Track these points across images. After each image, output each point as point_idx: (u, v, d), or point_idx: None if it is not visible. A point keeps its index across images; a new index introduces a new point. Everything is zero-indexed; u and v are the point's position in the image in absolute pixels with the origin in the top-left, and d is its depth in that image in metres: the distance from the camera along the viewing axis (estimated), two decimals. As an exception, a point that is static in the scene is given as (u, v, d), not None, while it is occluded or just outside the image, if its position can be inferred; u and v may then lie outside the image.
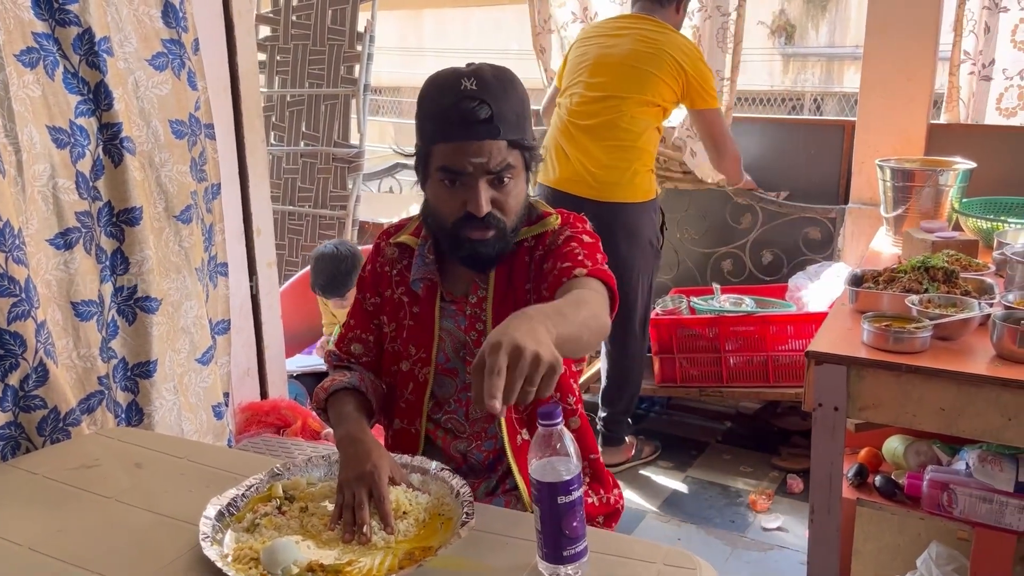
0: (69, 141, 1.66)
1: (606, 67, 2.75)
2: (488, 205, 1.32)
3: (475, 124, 1.29)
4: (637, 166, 2.73)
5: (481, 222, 1.33)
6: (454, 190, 1.34)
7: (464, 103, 1.28)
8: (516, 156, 1.34)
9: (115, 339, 1.80)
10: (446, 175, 1.33)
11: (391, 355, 1.51)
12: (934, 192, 2.41)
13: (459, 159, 1.31)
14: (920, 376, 1.59)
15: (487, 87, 1.30)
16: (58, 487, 1.39)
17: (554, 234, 1.42)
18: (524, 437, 1.46)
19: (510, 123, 1.31)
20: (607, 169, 2.72)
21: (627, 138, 2.71)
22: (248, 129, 2.44)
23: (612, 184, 2.72)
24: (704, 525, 2.70)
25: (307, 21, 4.25)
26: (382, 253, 1.53)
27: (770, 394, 3.02)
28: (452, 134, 1.30)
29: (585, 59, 2.81)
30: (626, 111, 2.70)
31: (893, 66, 2.88)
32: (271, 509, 1.27)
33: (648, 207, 2.79)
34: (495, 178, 1.33)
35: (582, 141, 2.75)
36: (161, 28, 1.87)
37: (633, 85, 2.70)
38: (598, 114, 2.73)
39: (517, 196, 1.37)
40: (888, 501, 1.89)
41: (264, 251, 2.57)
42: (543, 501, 1.07)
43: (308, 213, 4.24)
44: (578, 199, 2.72)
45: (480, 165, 1.31)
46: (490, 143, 1.30)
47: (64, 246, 1.67)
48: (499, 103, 1.30)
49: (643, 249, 2.80)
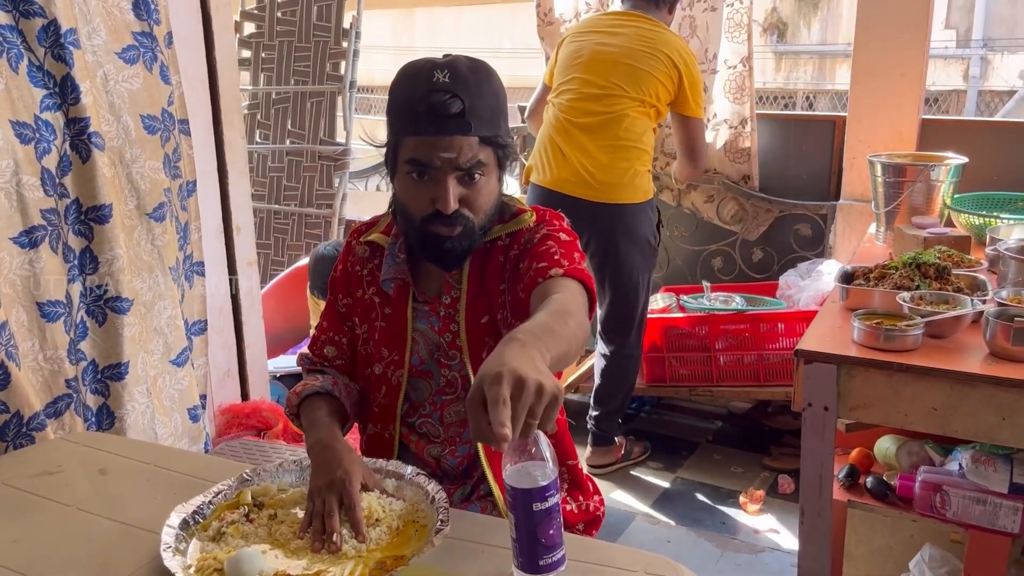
0: (34, 136, 1.61)
1: (603, 64, 2.69)
2: (456, 203, 1.27)
3: (446, 119, 1.23)
4: (637, 166, 2.69)
5: (448, 219, 1.28)
6: (422, 184, 1.28)
7: (435, 96, 1.23)
8: (488, 153, 1.29)
9: (84, 341, 1.75)
10: (414, 168, 1.28)
11: (364, 358, 1.46)
12: (926, 188, 2.37)
13: (428, 153, 1.26)
14: (912, 375, 1.55)
15: (461, 80, 1.25)
16: (17, 495, 1.33)
17: (529, 232, 1.37)
18: None
19: (483, 119, 1.26)
20: (607, 169, 2.66)
21: (628, 138, 2.66)
22: (227, 125, 2.39)
23: (612, 185, 2.67)
24: (694, 527, 2.66)
25: (292, 18, 4.20)
26: (353, 252, 1.47)
27: (761, 393, 2.98)
28: (421, 128, 1.25)
29: (580, 56, 2.74)
30: (626, 110, 2.66)
31: (884, 61, 2.85)
32: (238, 517, 1.22)
33: (646, 207, 2.75)
34: (465, 175, 1.28)
35: (580, 140, 2.68)
36: (132, 20, 1.82)
37: (632, 84, 2.66)
38: (597, 112, 2.67)
39: (487, 194, 1.32)
40: (880, 503, 1.85)
41: (244, 250, 2.52)
42: (518, 508, 1.03)
43: (294, 212, 4.19)
44: (576, 200, 2.66)
45: (449, 161, 1.26)
46: (460, 139, 1.25)
47: (29, 244, 1.62)
48: (472, 98, 1.24)
49: (642, 249, 2.76)
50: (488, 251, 1.39)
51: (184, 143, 2.00)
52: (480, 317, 1.38)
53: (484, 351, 1.37)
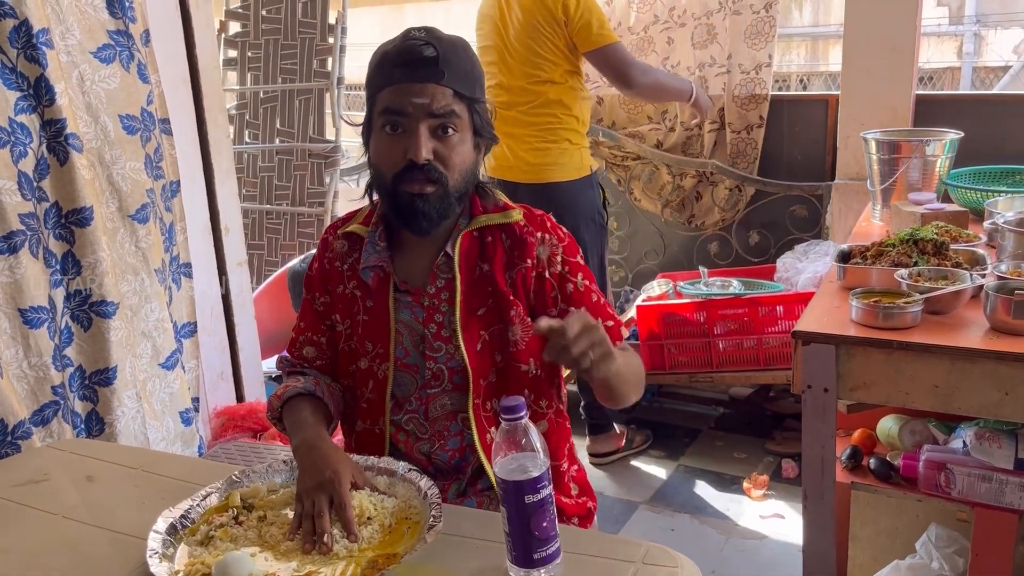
0: (9, 140, 1.58)
1: (511, 53, 2.69)
2: (429, 153, 1.26)
3: (419, 64, 1.25)
4: (565, 144, 2.72)
5: (421, 172, 1.26)
6: (395, 137, 1.27)
7: (408, 43, 1.26)
8: (463, 108, 1.28)
9: (70, 346, 1.72)
10: (387, 119, 1.27)
11: (347, 354, 1.43)
12: (921, 163, 2.34)
13: (400, 100, 1.25)
14: (912, 352, 1.52)
15: (435, 36, 1.27)
16: (2, 504, 1.31)
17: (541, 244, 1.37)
18: (494, 436, 1.38)
19: (457, 73, 1.26)
20: (536, 152, 2.71)
21: (553, 120, 2.70)
22: (211, 124, 2.36)
23: (544, 165, 2.71)
24: (698, 515, 2.64)
25: (277, 15, 4.16)
26: (330, 248, 1.44)
27: (761, 378, 2.94)
28: (396, 76, 1.26)
29: (487, 47, 2.76)
30: (541, 90, 2.68)
31: (875, 37, 2.81)
32: (227, 520, 1.20)
33: (585, 183, 2.77)
34: (438, 126, 1.27)
35: (510, 128, 2.72)
36: (107, 19, 1.78)
37: (535, 66, 2.66)
38: (519, 104, 2.71)
39: (462, 154, 1.30)
40: (884, 484, 1.82)
41: (234, 250, 2.49)
42: (510, 501, 1.00)
43: (286, 211, 4.15)
44: (512, 184, 2.72)
45: (421, 107, 1.25)
46: (434, 86, 1.25)
47: (8, 250, 1.58)
48: (447, 51, 1.26)
49: (587, 226, 2.76)
50: (477, 240, 1.37)
51: (166, 143, 1.96)
52: (476, 308, 1.36)
53: (479, 343, 1.35)
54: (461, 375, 1.35)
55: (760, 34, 3.12)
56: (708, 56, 3.23)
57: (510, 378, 1.37)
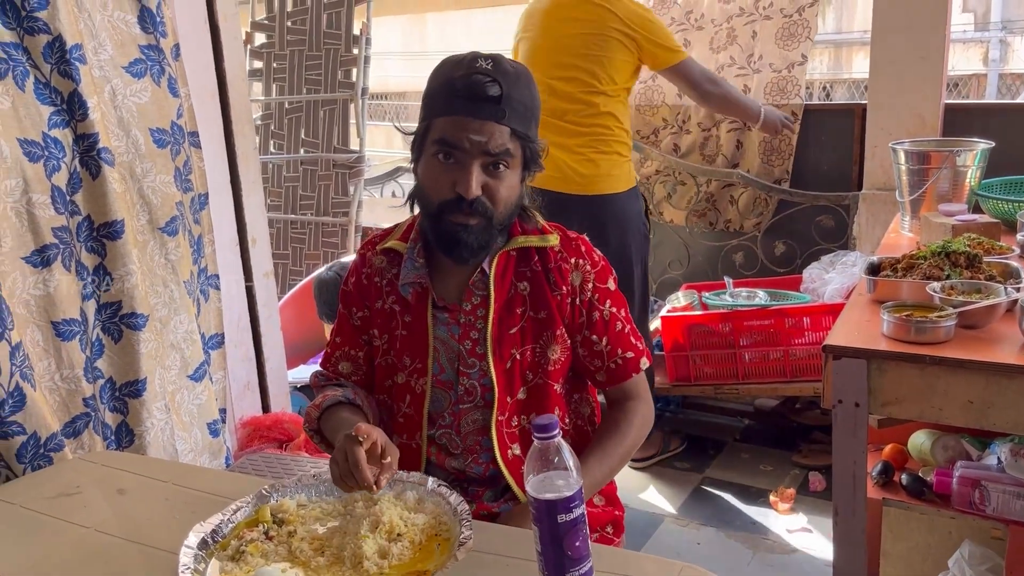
0: (43, 154, 1.59)
1: (566, 61, 2.68)
2: (479, 190, 1.26)
3: (482, 101, 1.24)
4: (615, 157, 2.72)
5: (469, 206, 1.26)
6: (447, 167, 1.27)
7: (476, 77, 1.24)
8: (516, 147, 1.28)
9: (100, 358, 1.73)
10: (441, 148, 1.27)
11: (384, 369, 1.43)
12: (952, 174, 2.31)
13: (459, 134, 1.25)
14: (945, 368, 1.50)
15: (502, 71, 1.26)
16: (35, 517, 1.32)
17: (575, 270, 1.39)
18: (515, 452, 1.40)
19: (517, 112, 1.26)
20: (589, 163, 2.70)
21: (604, 132, 2.69)
22: (238, 136, 2.38)
23: (594, 177, 2.70)
24: (724, 528, 2.61)
25: (302, 27, 4.20)
26: (368, 263, 1.45)
27: (788, 389, 2.91)
28: (456, 107, 1.25)
29: (539, 51, 2.74)
30: (594, 101, 2.67)
31: (903, 46, 2.78)
32: (257, 535, 1.20)
33: (631, 194, 2.78)
34: (491, 163, 1.26)
35: (559, 138, 2.70)
36: (138, 34, 1.80)
37: (592, 75, 2.66)
38: (570, 112, 2.69)
39: (510, 188, 1.30)
40: (916, 500, 1.79)
41: (260, 261, 2.50)
42: (542, 520, 1.00)
43: (310, 221, 4.18)
44: (563, 195, 2.70)
45: (479, 144, 1.25)
46: (493, 125, 1.24)
47: (41, 264, 1.60)
48: (511, 88, 1.25)
49: (634, 236, 2.78)
50: (514, 260, 1.38)
51: (195, 156, 1.98)
52: (509, 327, 1.36)
53: (509, 361, 1.36)
54: (491, 392, 1.37)
55: (793, 36, 3.12)
56: (728, 57, 3.22)
57: (541, 397, 1.38)
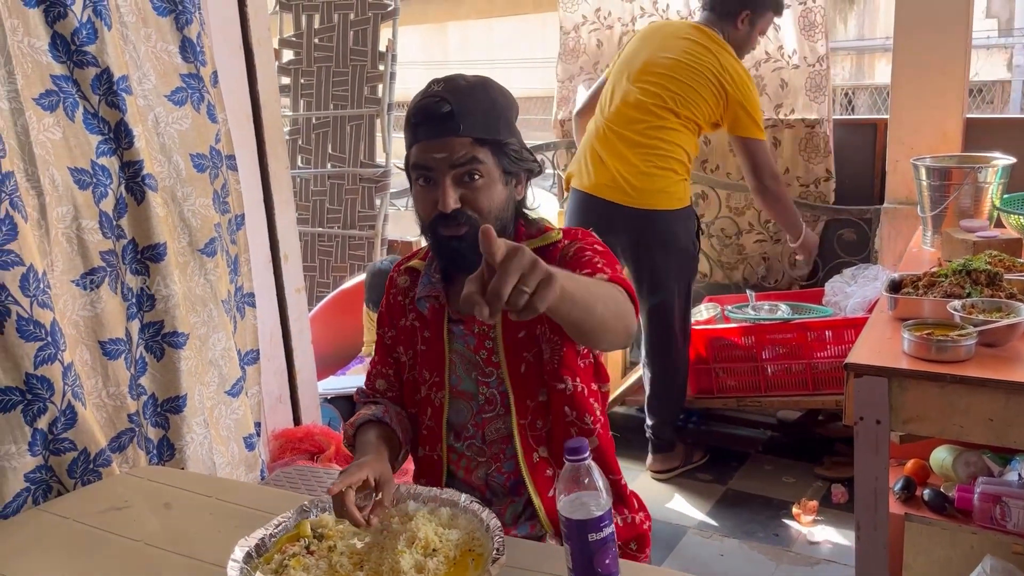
0: (91, 181, 1.67)
1: (653, 75, 2.74)
2: (456, 202, 1.33)
3: (436, 121, 1.31)
4: (672, 174, 2.73)
5: (452, 219, 1.33)
6: (426, 188, 1.35)
7: (426, 101, 1.32)
8: (486, 153, 1.34)
9: (144, 375, 1.80)
10: (419, 173, 1.36)
11: (411, 384, 1.51)
12: (973, 190, 2.33)
13: (425, 156, 1.33)
14: (966, 386, 1.53)
15: (452, 88, 1.33)
16: (87, 531, 1.38)
17: (564, 248, 1.40)
18: (541, 455, 1.43)
19: (474, 120, 1.32)
20: (643, 176, 2.71)
21: (665, 147, 2.71)
22: (272, 156, 2.45)
23: (648, 191, 2.71)
24: (747, 539, 2.64)
25: (329, 44, 4.27)
26: (394, 284, 1.54)
27: (811, 402, 2.94)
28: (419, 134, 1.34)
29: (635, 61, 2.80)
30: (666, 122, 2.70)
31: (924, 60, 2.80)
32: (299, 549, 1.25)
33: (682, 214, 2.78)
34: (463, 173, 1.33)
35: (619, 147, 2.74)
36: (179, 63, 1.87)
37: (675, 98, 2.70)
38: (638, 121, 2.72)
39: (490, 195, 1.35)
40: (938, 515, 1.82)
41: (292, 277, 2.57)
42: (573, 539, 1.04)
43: (337, 234, 4.25)
44: (613, 205, 2.73)
45: (443, 160, 1.32)
46: (452, 139, 1.32)
47: (90, 286, 1.67)
48: (463, 101, 1.32)
49: (678, 255, 2.79)
50: None
51: (231, 178, 2.05)
52: (518, 332, 1.41)
53: (522, 365, 1.41)
54: (509, 398, 1.42)
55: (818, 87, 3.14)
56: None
57: (562, 397, 1.41)
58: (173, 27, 1.86)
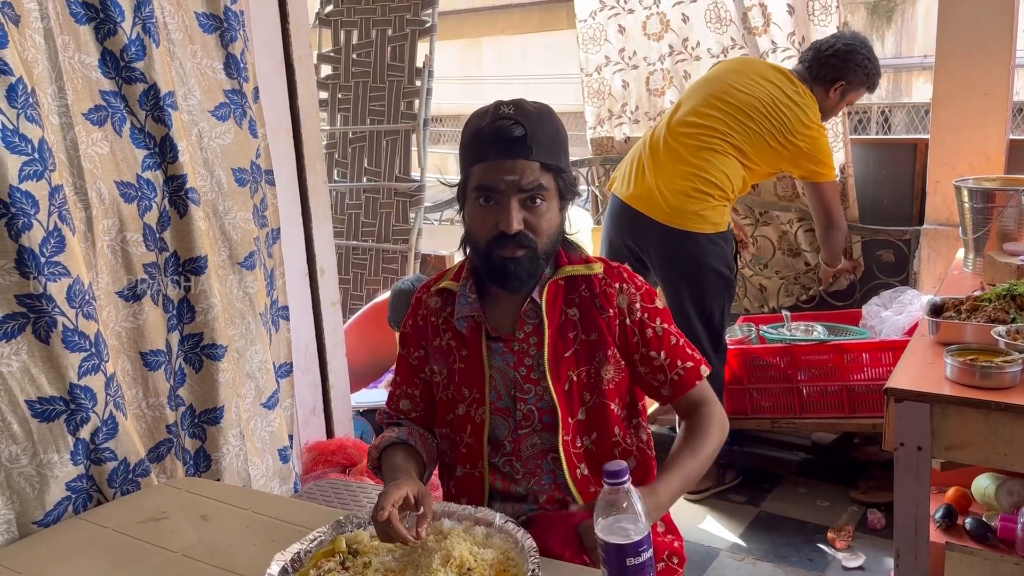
0: (136, 195, 1.70)
1: (725, 103, 2.72)
2: (520, 224, 1.35)
3: (509, 143, 1.33)
4: (709, 199, 2.69)
5: (512, 240, 1.36)
6: (488, 209, 1.37)
7: (500, 123, 1.34)
8: (549, 179, 1.37)
9: (182, 387, 1.83)
10: (481, 193, 1.37)
11: (446, 403, 1.51)
12: (1016, 212, 2.29)
13: (493, 177, 1.35)
14: (1010, 414, 1.50)
15: (523, 112, 1.36)
16: (127, 541, 1.40)
17: (606, 284, 1.45)
18: (583, 472, 1.46)
19: (543, 146, 1.35)
20: (680, 196, 2.68)
21: (711, 171, 2.68)
22: (310, 171, 2.48)
23: (682, 211, 2.68)
24: (781, 563, 2.60)
25: (367, 59, 4.33)
26: (423, 306, 1.54)
27: (847, 425, 2.89)
28: (487, 153, 1.35)
29: (709, 85, 2.79)
30: (720, 148, 2.69)
31: (967, 80, 2.77)
32: (334, 564, 1.26)
33: (717, 238, 2.73)
34: (527, 198, 1.36)
35: (665, 160, 2.73)
36: (223, 79, 1.91)
37: (738, 132, 2.69)
38: (692, 138, 2.71)
39: (550, 220, 1.39)
40: (980, 545, 1.79)
41: (328, 291, 2.59)
42: (611, 563, 1.04)
43: (371, 247, 4.29)
44: (645, 218, 2.72)
45: (512, 183, 1.34)
46: (523, 162, 1.34)
47: (132, 298, 1.70)
48: (534, 126, 1.34)
49: (708, 278, 2.74)
50: (563, 288, 1.46)
51: (270, 192, 2.08)
52: (563, 351, 1.44)
53: (567, 383, 1.43)
54: (550, 415, 1.44)
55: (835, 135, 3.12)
56: None
57: (599, 416, 1.45)
58: (218, 44, 1.89)
